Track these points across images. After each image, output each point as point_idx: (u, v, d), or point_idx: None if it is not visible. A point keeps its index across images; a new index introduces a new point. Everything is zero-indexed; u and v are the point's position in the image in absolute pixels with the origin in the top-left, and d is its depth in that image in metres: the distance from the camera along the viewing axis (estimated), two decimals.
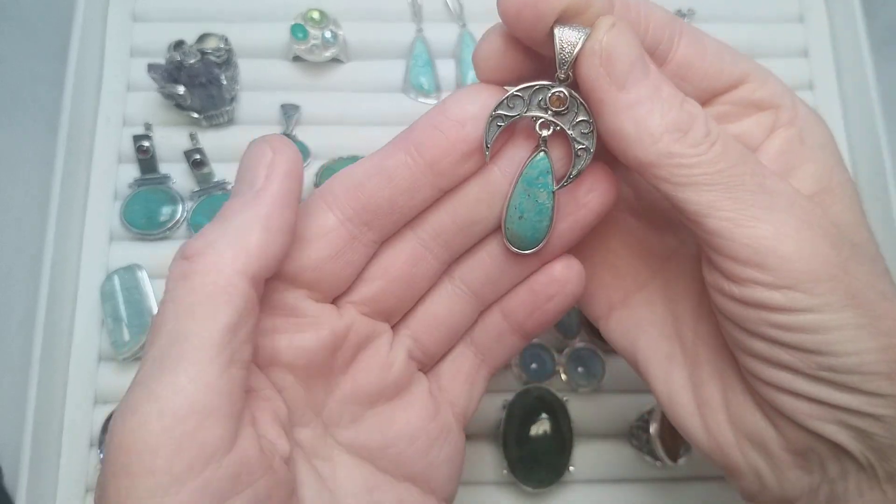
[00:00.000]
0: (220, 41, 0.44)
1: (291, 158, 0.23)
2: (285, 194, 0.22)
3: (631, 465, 0.40)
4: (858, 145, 0.46)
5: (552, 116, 0.23)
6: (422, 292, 0.26)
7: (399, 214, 0.24)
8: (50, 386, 0.39)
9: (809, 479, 0.24)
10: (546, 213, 0.24)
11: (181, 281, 0.21)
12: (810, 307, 0.21)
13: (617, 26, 0.22)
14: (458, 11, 0.47)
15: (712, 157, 0.22)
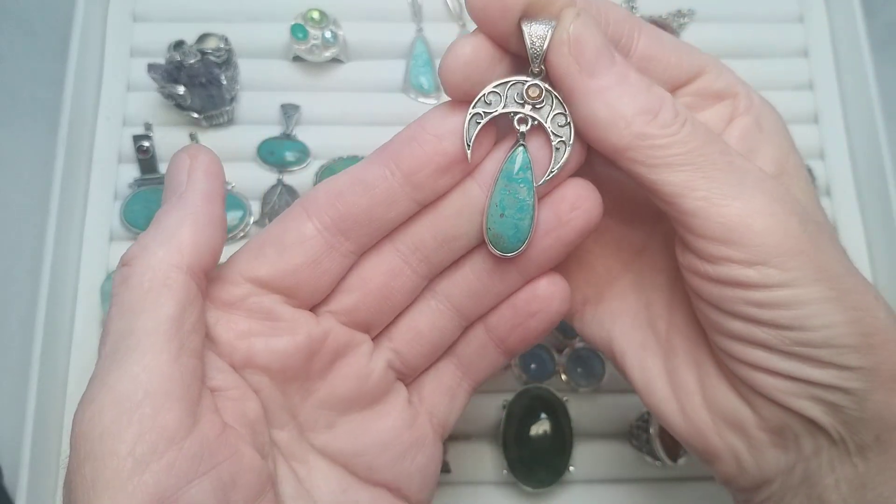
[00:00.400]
0: (220, 41, 0.44)
1: (209, 160, 0.24)
2: (207, 191, 0.23)
3: (631, 465, 0.40)
4: (858, 145, 0.46)
5: (529, 111, 0.23)
6: (401, 306, 0.26)
7: (377, 225, 0.24)
8: (50, 386, 0.39)
9: (786, 457, 0.25)
10: (527, 210, 0.24)
11: (122, 285, 0.22)
12: (783, 282, 0.22)
13: (582, 16, 0.22)
14: (457, 11, 0.47)
15: (683, 137, 0.23)
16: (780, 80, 0.47)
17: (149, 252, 0.22)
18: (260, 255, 0.24)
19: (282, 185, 0.43)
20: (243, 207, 0.42)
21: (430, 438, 0.28)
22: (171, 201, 0.23)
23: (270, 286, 0.24)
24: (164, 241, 0.22)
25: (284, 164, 0.43)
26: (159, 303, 0.21)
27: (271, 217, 0.42)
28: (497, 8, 0.22)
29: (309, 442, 0.26)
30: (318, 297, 0.25)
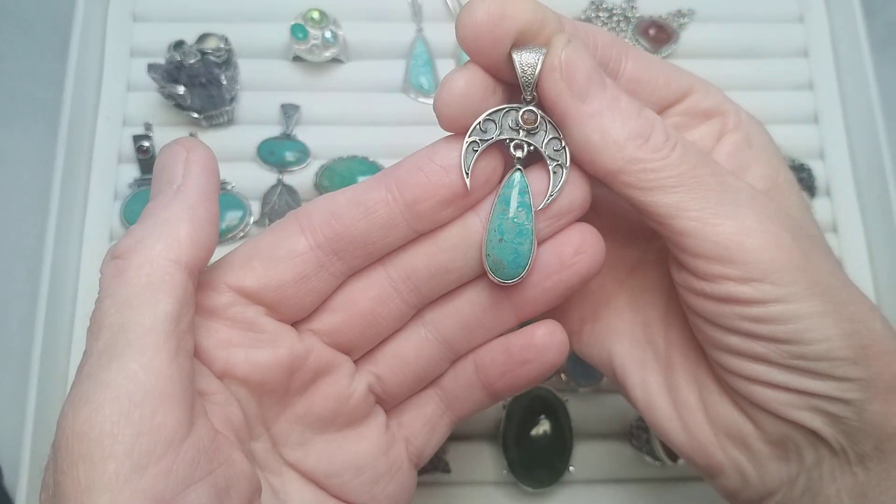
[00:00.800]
0: (220, 41, 0.44)
1: (206, 155, 0.23)
2: (205, 187, 0.23)
3: (631, 465, 0.40)
4: (858, 145, 0.46)
5: (524, 137, 0.24)
6: (386, 332, 0.26)
7: (372, 249, 0.24)
8: (50, 385, 0.39)
9: (788, 469, 0.25)
10: (527, 235, 0.24)
11: (116, 278, 0.21)
12: (778, 297, 0.22)
13: (572, 42, 0.22)
14: (457, 11, 0.47)
15: (674, 161, 0.23)
16: (780, 80, 0.47)
17: (146, 246, 0.21)
18: (247, 265, 0.24)
19: (282, 185, 0.43)
20: (243, 207, 0.42)
21: (404, 466, 0.27)
22: (166, 194, 0.22)
23: (255, 297, 0.24)
24: (162, 235, 0.21)
25: (284, 164, 0.43)
26: (158, 299, 0.20)
27: (271, 217, 0.42)
28: (488, 38, 0.22)
29: (281, 456, 0.25)
30: (302, 314, 0.25)
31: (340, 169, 0.42)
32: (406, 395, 0.27)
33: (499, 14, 0.21)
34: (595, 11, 0.48)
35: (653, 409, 0.27)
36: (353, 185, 0.24)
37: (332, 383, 0.25)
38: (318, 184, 0.42)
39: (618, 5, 0.48)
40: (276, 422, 0.25)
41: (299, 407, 0.25)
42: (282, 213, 0.43)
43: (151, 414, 0.19)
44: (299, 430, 0.25)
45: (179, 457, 0.20)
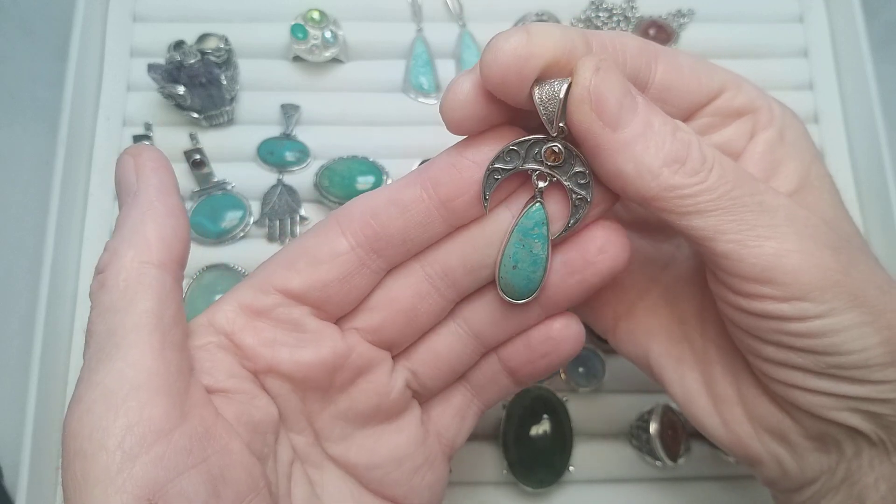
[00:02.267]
0: (220, 41, 0.44)
1: (153, 156, 0.24)
2: (160, 184, 0.23)
3: (631, 465, 0.40)
4: (858, 145, 0.46)
5: (548, 168, 0.23)
6: (425, 328, 0.26)
7: (410, 245, 0.24)
8: (50, 385, 0.39)
9: (828, 459, 0.25)
10: (540, 264, 0.24)
11: (99, 290, 0.22)
12: (818, 314, 0.22)
13: (601, 68, 0.22)
14: (457, 11, 0.47)
15: (712, 184, 0.22)
16: (780, 81, 0.47)
17: (119, 255, 0.22)
18: (292, 267, 0.24)
19: (282, 184, 0.43)
20: (243, 207, 0.42)
21: (439, 458, 0.28)
22: (127, 202, 0.23)
23: (300, 298, 0.24)
24: (131, 242, 0.22)
25: (284, 164, 0.43)
26: (136, 299, 0.22)
27: (271, 217, 0.42)
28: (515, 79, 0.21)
29: (324, 450, 0.26)
30: (345, 311, 0.25)
31: (340, 169, 0.42)
32: (440, 389, 0.28)
33: (526, 55, 0.21)
34: (595, 11, 0.48)
35: (692, 404, 0.28)
36: (390, 185, 0.25)
37: (373, 380, 0.26)
38: (318, 184, 0.42)
39: (618, 5, 0.48)
40: (319, 417, 0.26)
41: (341, 403, 0.26)
42: (282, 212, 0.43)
43: (139, 406, 0.20)
44: (341, 424, 0.26)
45: (171, 445, 0.20)
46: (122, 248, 0.22)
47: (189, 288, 0.40)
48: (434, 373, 0.27)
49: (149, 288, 0.22)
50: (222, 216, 0.42)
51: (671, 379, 0.28)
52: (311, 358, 0.24)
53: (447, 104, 0.23)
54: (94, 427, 0.20)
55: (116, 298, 0.22)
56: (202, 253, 0.42)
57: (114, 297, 0.22)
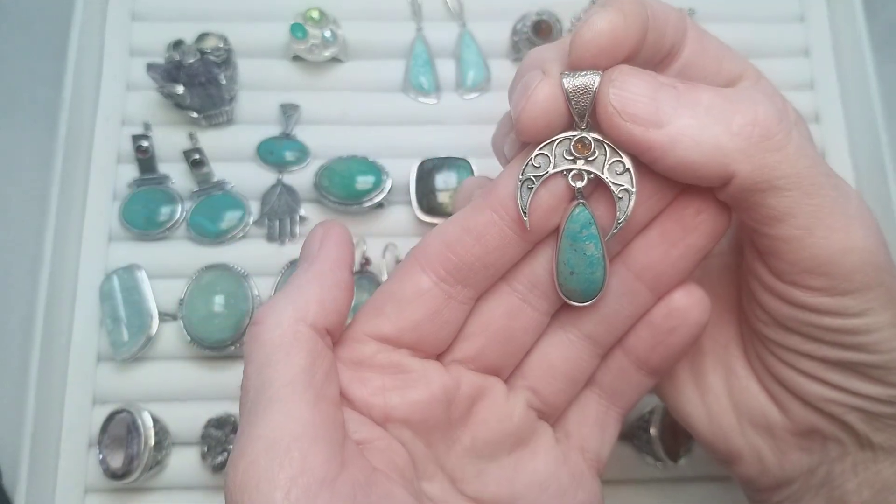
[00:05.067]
0: (219, 41, 0.44)
1: (340, 231, 0.25)
2: (337, 257, 0.24)
3: (631, 465, 0.40)
4: (859, 145, 0.45)
5: (583, 165, 0.22)
6: (527, 345, 0.26)
7: (493, 271, 0.24)
8: (49, 386, 0.39)
9: (809, 459, 0.25)
10: (598, 264, 0.23)
11: (253, 343, 0.22)
12: (858, 311, 0.22)
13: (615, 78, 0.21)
14: (457, 11, 0.47)
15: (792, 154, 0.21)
16: (781, 80, 0.47)
17: (277, 310, 0.23)
18: (381, 313, 0.24)
19: (281, 184, 0.43)
20: (242, 207, 0.42)
21: (587, 475, 0.27)
22: (302, 267, 0.24)
23: (396, 342, 0.24)
24: (292, 300, 0.23)
25: (284, 164, 0.43)
26: (291, 354, 0.22)
27: (270, 217, 0.42)
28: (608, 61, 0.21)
29: (461, 492, 0.25)
30: (443, 347, 0.25)
31: (340, 169, 0.42)
32: (565, 402, 0.27)
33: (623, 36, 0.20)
34: None
35: (676, 393, 0.28)
36: (460, 212, 0.24)
37: (489, 406, 0.25)
38: (318, 183, 0.42)
39: None
40: (447, 458, 0.25)
41: (465, 438, 0.25)
42: (281, 212, 0.42)
43: (301, 457, 0.20)
44: (472, 461, 0.25)
45: (335, 494, 0.20)
46: (282, 304, 0.23)
47: (188, 288, 0.40)
48: (554, 386, 0.26)
49: (302, 344, 0.22)
50: (221, 216, 0.42)
51: None
52: (422, 396, 0.24)
53: (529, 111, 0.22)
54: (261, 479, 0.20)
55: (271, 352, 0.22)
56: (201, 253, 0.42)
57: (268, 350, 0.22)
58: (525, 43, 0.45)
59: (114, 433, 0.38)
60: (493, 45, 0.46)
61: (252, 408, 0.21)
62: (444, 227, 0.24)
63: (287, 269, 0.41)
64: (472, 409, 0.25)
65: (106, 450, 0.38)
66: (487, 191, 0.24)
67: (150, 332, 0.40)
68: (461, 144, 0.44)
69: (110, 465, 0.38)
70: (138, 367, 0.40)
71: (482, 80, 0.45)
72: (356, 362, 0.24)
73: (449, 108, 0.45)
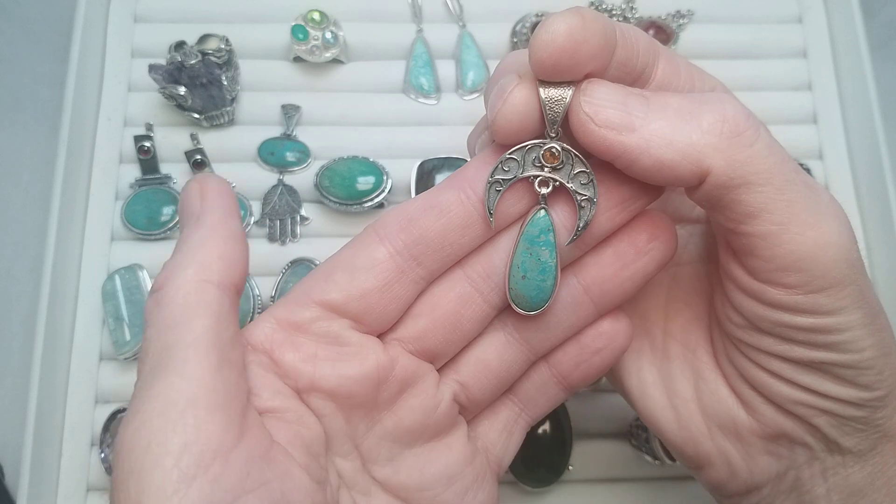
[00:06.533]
0: (220, 42, 0.44)
1: (219, 182, 0.24)
2: (223, 208, 0.23)
3: (630, 464, 0.40)
4: (857, 145, 0.46)
5: (549, 173, 0.23)
6: (470, 335, 0.25)
7: (450, 251, 0.24)
8: (51, 385, 0.39)
9: (778, 464, 0.25)
10: (550, 272, 0.24)
11: (155, 308, 0.21)
12: (830, 310, 0.22)
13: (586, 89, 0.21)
14: (458, 12, 0.47)
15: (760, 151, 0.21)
16: (779, 81, 0.48)
17: (177, 273, 0.22)
18: (329, 278, 0.24)
19: (282, 185, 0.43)
20: (244, 207, 0.43)
21: (488, 476, 0.27)
22: (189, 225, 0.23)
23: (339, 310, 0.24)
24: (191, 261, 0.22)
25: (285, 165, 0.43)
26: (196, 315, 0.21)
27: (272, 217, 0.43)
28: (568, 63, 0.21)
29: (371, 474, 0.25)
30: (386, 325, 0.25)
31: (341, 169, 0.42)
32: (488, 401, 0.27)
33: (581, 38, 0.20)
34: None
35: (646, 398, 0.28)
36: (425, 192, 0.24)
37: (419, 394, 0.25)
38: (319, 184, 0.42)
39: (617, 6, 0.48)
40: (365, 438, 0.25)
41: (387, 421, 0.25)
42: (282, 213, 0.43)
43: (196, 423, 0.19)
44: (388, 445, 0.25)
45: (228, 466, 0.19)
46: (181, 266, 0.22)
47: None
48: (483, 384, 0.26)
49: (208, 306, 0.21)
50: None
51: (629, 371, 0.28)
52: (354, 372, 0.23)
53: (504, 114, 0.22)
54: (151, 441, 0.19)
55: (175, 314, 0.21)
56: None
57: (173, 312, 0.21)
58: (525, 44, 0.45)
59: (116, 432, 0.38)
60: (493, 47, 0.47)
61: (151, 370, 0.20)
62: (408, 203, 0.24)
63: (288, 269, 0.41)
64: (402, 394, 0.25)
65: (108, 449, 0.38)
66: (457, 173, 0.24)
67: None
68: (461, 145, 0.44)
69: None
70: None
71: (482, 81, 0.46)
72: (293, 325, 0.24)
73: (449, 108, 0.46)
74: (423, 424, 0.25)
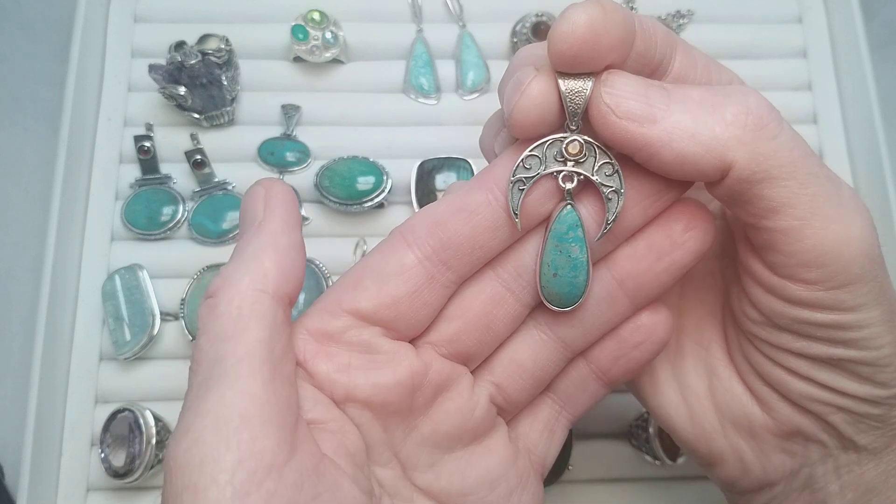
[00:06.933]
0: (220, 42, 0.44)
1: (284, 189, 0.24)
2: (286, 218, 0.23)
3: (630, 464, 0.40)
4: (857, 145, 0.46)
5: (572, 167, 0.22)
6: (503, 336, 0.25)
7: (479, 253, 0.23)
8: (51, 385, 0.39)
9: (791, 461, 0.25)
10: (581, 268, 0.23)
11: (209, 315, 0.21)
12: (851, 306, 0.22)
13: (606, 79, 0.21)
14: (457, 12, 0.47)
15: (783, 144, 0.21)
16: (778, 81, 0.48)
17: (233, 281, 0.21)
18: (359, 286, 0.23)
19: None
20: None
21: (532, 478, 0.27)
22: (250, 231, 0.23)
23: (370, 318, 0.23)
24: (248, 269, 0.22)
25: (285, 165, 0.43)
26: (249, 327, 0.21)
27: None
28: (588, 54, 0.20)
29: (412, 481, 0.25)
30: (418, 330, 0.24)
31: (341, 169, 0.42)
32: (526, 401, 0.27)
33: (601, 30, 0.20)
34: None
35: (659, 395, 0.27)
36: (450, 195, 0.24)
37: (454, 397, 0.25)
38: (319, 184, 0.42)
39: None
40: (403, 446, 0.24)
41: (424, 427, 0.24)
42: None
43: (250, 439, 0.19)
44: (428, 451, 0.25)
45: (282, 481, 0.19)
46: (238, 274, 0.22)
47: (190, 288, 0.40)
48: (519, 384, 0.26)
49: (262, 317, 0.21)
50: (223, 216, 0.42)
51: None
52: (388, 379, 0.23)
53: (522, 107, 0.21)
54: (205, 458, 0.19)
55: (228, 325, 0.21)
56: (203, 253, 0.42)
57: (225, 323, 0.21)
58: (525, 44, 0.45)
59: (116, 432, 0.38)
60: (493, 47, 0.47)
61: (203, 382, 0.20)
62: (434, 206, 0.24)
63: None
64: (437, 399, 0.24)
65: (108, 449, 0.38)
66: (483, 174, 0.23)
67: (152, 331, 0.40)
68: (461, 145, 0.44)
69: (112, 464, 0.38)
70: (140, 366, 0.41)
71: (482, 80, 0.46)
72: (325, 335, 0.23)
73: (449, 108, 0.46)
74: (461, 428, 0.25)
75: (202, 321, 0.21)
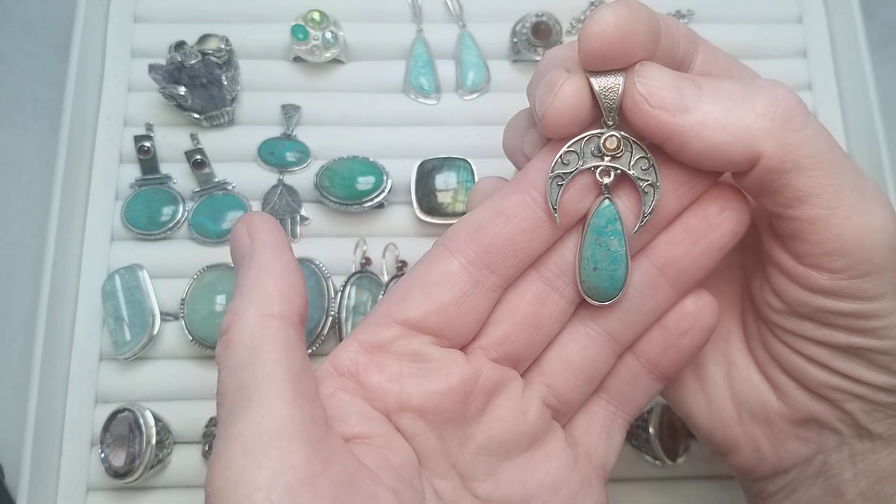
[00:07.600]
0: (220, 42, 0.44)
1: (264, 219, 0.24)
2: (273, 244, 0.24)
3: (630, 464, 0.40)
4: (857, 145, 0.46)
5: (609, 162, 0.23)
6: (551, 334, 0.25)
7: (521, 255, 0.24)
8: (51, 385, 0.39)
9: (806, 449, 0.26)
10: (621, 261, 0.24)
11: (225, 351, 0.22)
12: (872, 295, 0.22)
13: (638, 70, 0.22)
14: (458, 12, 0.47)
15: (811, 135, 0.21)
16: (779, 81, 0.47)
17: (241, 313, 0.22)
18: (407, 296, 0.24)
19: (282, 185, 0.43)
20: (244, 208, 0.43)
21: (595, 482, 0.27)
22: (244, 265, 0.24)
23: (420, 327, 0.24)
24: (250, 299, 0.22)
25: (285, 165, 0.43)
26: (264, 351, 0.21)
27: None
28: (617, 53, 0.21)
29: (472, 492, 0.25)
30: (467, 336, 0.24)
31: (341, 169, 0.42)
32: (580, 400, 0.27)
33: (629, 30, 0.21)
34: None
35: (677, 384, 0.28)
36: (489, 200, 0.24)
37: (505, 402, 0.25)
38: (319, 184, 0.42)
39: None
40: (460, 456, 0.24)
41: (479, 436, 0.24)
42: (282, 213, 0.43)
43: (281, 455, 0.19)
44: (485, 459, 0.25)
45: (317, 493, 0.19)
46: (244, 306, 0.22)
47: (190, 288, 0.40)
48: (571, 382, 0.26)
49: (274, 339, 0.22)
50: (223, 216, 0.42)
51: None
52: (440, 386, 0.23)
53: (556, 107, 0.22)
54: (239, 481, 0.19)
55: (244, 355, 0.21)
56: (203, 253, 0.42)
57: (241, 354, 0.21)
58: (524, 44, 0.45)
59: (116, 432, 0.38)
60: (493, 47, 0.47)
61: (230, 411, 0.21)
62: (474, 213, 0.24)
63: None
64: (489, 404, 0.25)
65: (108, 449, 0.38)
66: (518, 177, 0.24)
67: (152, 331, 0.40)
68: (461, 145, 0.44)
69: (112, 464, 0.38)
70: (140, 366, 0.41)
71: (482, 81, 0.46)
72: (376, 346, 0.24)
73: (449, 108, 0.46)
74: (516, 433, 0.25)
75: (220, 357, 0.22)
